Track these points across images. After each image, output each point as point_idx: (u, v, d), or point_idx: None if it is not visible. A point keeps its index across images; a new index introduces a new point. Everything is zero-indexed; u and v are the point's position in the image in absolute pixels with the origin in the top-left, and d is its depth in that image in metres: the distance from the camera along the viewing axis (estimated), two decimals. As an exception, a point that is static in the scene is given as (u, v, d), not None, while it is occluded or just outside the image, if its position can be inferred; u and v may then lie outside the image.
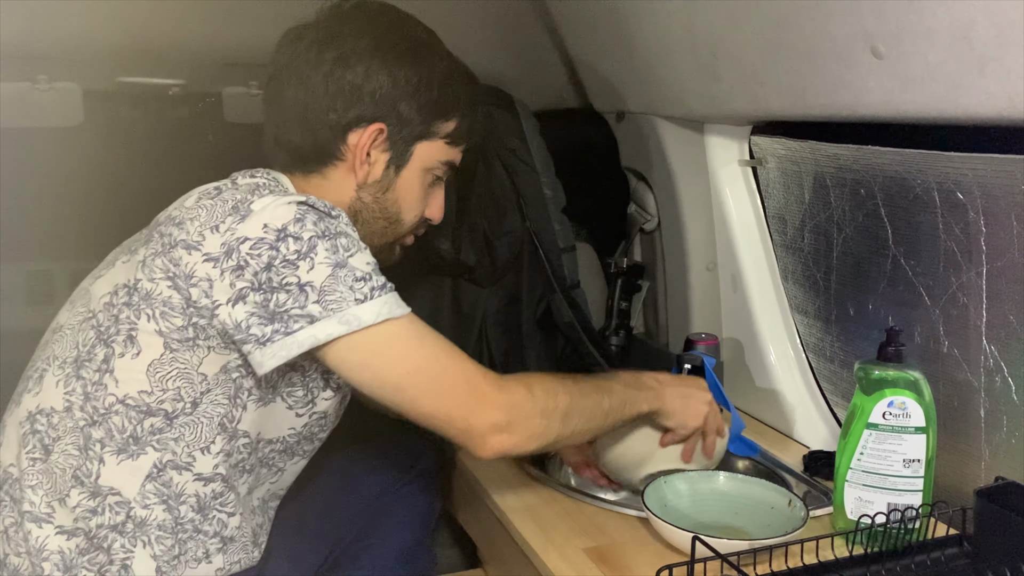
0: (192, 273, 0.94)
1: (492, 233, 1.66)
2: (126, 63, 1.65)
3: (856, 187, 1.26)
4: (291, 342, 0.92)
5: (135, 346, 0.96)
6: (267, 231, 0.92)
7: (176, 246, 0.95)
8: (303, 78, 1.05)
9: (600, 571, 1.05)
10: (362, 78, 1.05)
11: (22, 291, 1.99)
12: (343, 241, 0.94)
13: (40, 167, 1.81)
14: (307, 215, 0.93)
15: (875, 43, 0.96)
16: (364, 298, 0.93)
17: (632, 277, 1.83)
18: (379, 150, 1.08)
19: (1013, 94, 0.85)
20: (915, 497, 1.07)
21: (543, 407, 1.01)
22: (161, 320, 0.95)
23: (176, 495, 0.98)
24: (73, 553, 0.97)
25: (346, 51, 1.04)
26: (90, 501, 0.97)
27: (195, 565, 1.00)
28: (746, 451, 1.38)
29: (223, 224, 0.94)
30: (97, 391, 0.97)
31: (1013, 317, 1.05)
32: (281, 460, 1.09)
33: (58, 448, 0.98)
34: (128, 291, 0.97)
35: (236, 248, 0.92)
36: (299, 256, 0.91)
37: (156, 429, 0.96)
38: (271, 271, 0.91)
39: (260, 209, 0.94)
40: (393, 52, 1.06)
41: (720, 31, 1.21)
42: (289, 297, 0.91)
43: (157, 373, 0.96)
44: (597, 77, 1.67)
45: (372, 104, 1.06)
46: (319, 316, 0.92)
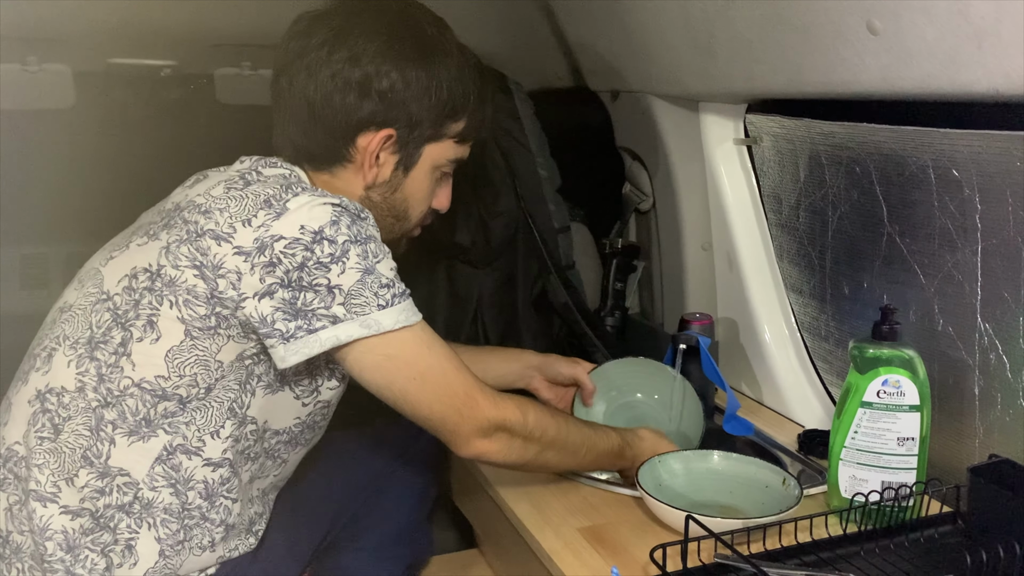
0: (221, 264, 0.94)
1: (487, 214, 1.65)
2: (117, 44, 1.64)
3: (851, 165, 1.25)
4: (313, 340, 0.94)
5: (155, 331, 0.96)
6: (303, 232, 0.93)
7: (204, 235, 0.96)
8: (312, 76, 1.04)
9: (595, 550, 1.05)
10: (372, 79, 1.04)
11: (16, 275, 1.98)
12: (372, 247, 0.97)
13: (32, 150, 1.80)
14: (342, 218, 0.95)
15: (871, 19, 0.96)
16: (386, 304, 0.96)
17: (627, 257, 1.83)
18: (388, 152, 1.08)
19: (1010, 70, 0.85)
20: (909, 475, 1.07)
21: (529, 433, 1.06)
22: (184, 308, 0.95)
23: (185, 480, 0.98)
24: (77, 533, 0.97)
25: (357, 51, 1.03)
26: (98, 481, 0.97)
27: (199, 552, 1.01)
28: (740, 430, 1.38)
29: (255, 219, 0.95)
30: (112, 373, 0.97)
31: (1008, 295, 1.05)
32: (286, 451, 1.10)
33: (68, 428, 0.98)
34: (150, 276, 0.98)
35: (270, 245, 0.93)
36: (332, 260, 0.94)
37: (169, 413, 0.97)
38: (303, 271, 0.93)
39: (296, 208, 0.95)
40: (404, 53, 1.05)
41: (716, 8, 1.20)
42: (316, 297, 0.94)
43: (176, 359, 0.96)
44: (592, 56, 1.66)
45: (382, 106, 1.05)
46: (342, 318, 0.94)
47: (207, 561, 1.02)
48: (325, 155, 1.07)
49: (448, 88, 1.07)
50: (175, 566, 0.99)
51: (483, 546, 1.50)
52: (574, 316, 1.67)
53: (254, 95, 1.84)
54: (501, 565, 1.40)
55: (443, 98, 1.07)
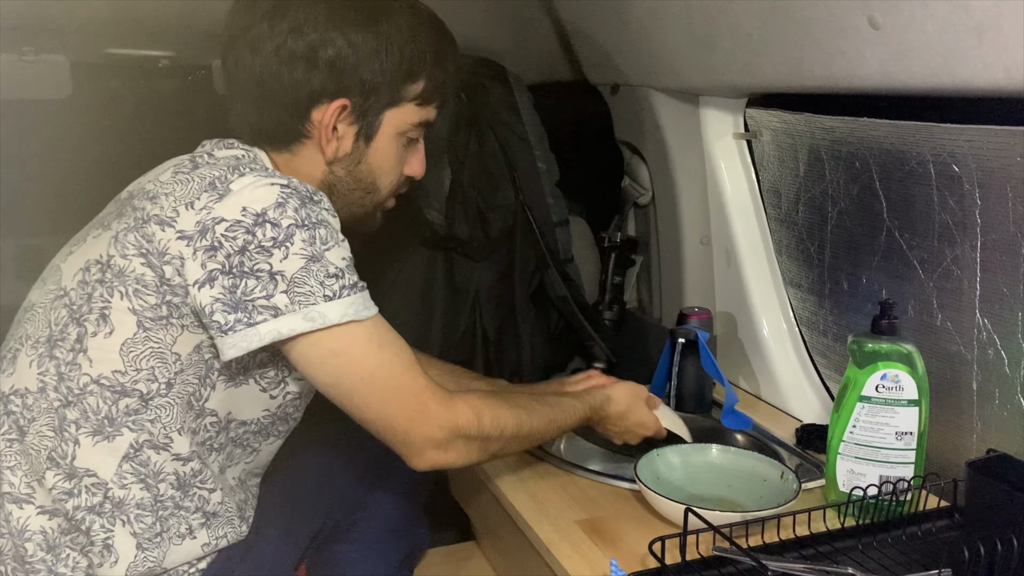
0: (165, 250, 0.91)
1: (485, 206, 1.65)
2: (114, 35, 1.63)
3: (851, 160, 1.25)
4: (252, 334, 0.90)
5: (108, 324, 0.93)
6: (245, 214, 0.89)
7: (149, 221, 0.92)
8: (257, 52, 0.99)
9: (593, 543, 1.05)
10: (318, 48, 0.99)
11: (13, 266, 1.98)
12: (322, 232, 0.92)
13: (28, 140, 1.79)
14: (289, 200, 0.90)
15: (872, 13, 0.95)
16: (333, 295, 0.91)
17: (626, 251, 1.83)
18: (346, 124, 1.04)
19: (1010, 64, 0.85)
20: (907, 469, 1.08)
21: (487, 435, 1.01)
22: (134, 298, 0.92)
23: (154, 473, 0.97)
24: (56, 533, 0.96)
25: (299, 21, 0.98)
26: (66, 483, 0.95)
27: (179, 541, 0.99)
28: (739, 424, 1.38)
29: (198, 201, 0.91)
30: (71, 371, 0.95)
31: (1007, 290, 1.05)
32: (256, 441, 1.07)
33: (33, 429, 0.96)
34: (101, 267, 0.95)
35: (211, 228, 0.90)
36: (275, 244, 0.89)
37: (132, 410, 0.95)
38: (244, 255, 0.89)
39: (239, 189, 0.91)
40: (349, 16, 0.99)
41: (716, 1, 1.20)
42: (258, 284, 0.89)
43: (131, 352, 0.93)
44: (591, 48, 1.66)
45: (331, 76, 1.00)
46: (284, 310, 0.90)
47: (193, 551, 1.00)
48: (282, 133, 1.03)
49: (400, 49, 1.02)
50: (158, 559, 0.98)
51: (480, 539, 1.50)
52: (572, 309, 1.67)
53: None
54: (498, 558, 1.40)
55: (395, 60, 1.02)
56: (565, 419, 1.13)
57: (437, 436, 0.97)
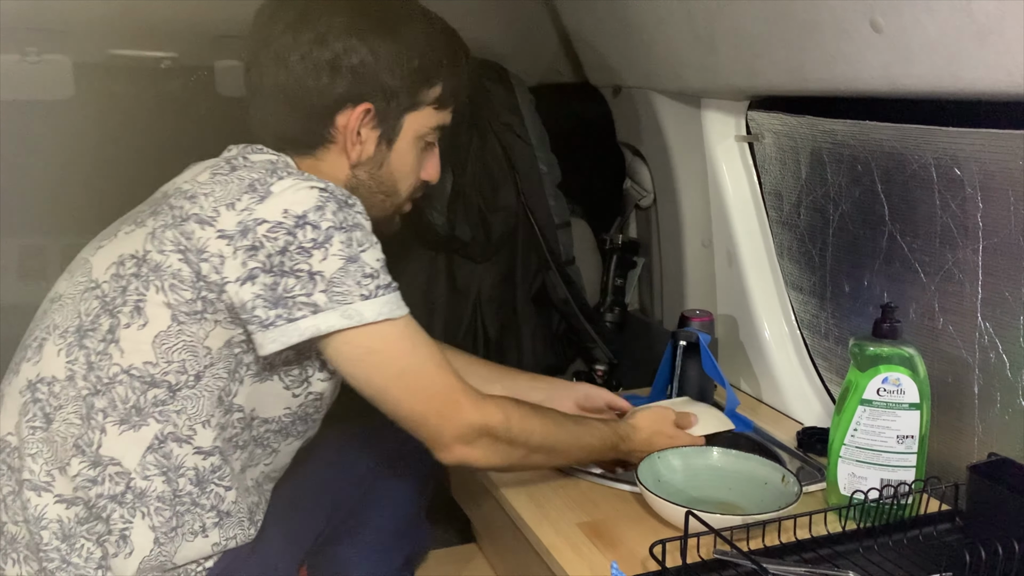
0: (204, 248, 0.94)
1: (487, 208, 1.65)
2: (117, 35, 1.63)
3: (853, 163, 1.25)
4: (292, 329, 0.93)
5: (142, 317, 0.96)
6: (286, 216, 0.93)
7: (188, 219, 0.95)
8: (282, 61, 1.03)
9: (594, 545, 1.05)
10: (341, 57, 1.03)
11: (15, 265, 1.98)
12: (358, 235, 0.95)
13: (31, 141, 1.80)
14: (328, 203, 0.94)
15: (874, 15, 0.95)
16: (369, 295, 0.94)
17: (627, 253, 1.83)
18: (368, 128, 1.08)
19: (1013, 68, 0.85)
20: (908, 473, 1.07)
21: (513, 438, 1.04)
22: (170, 292, 0.95)
23: (175, 467, 0.98)
24: (72, 522, 0.97)
25: (322, 31, 1.03)
26: (90, 470, 0.97)
27: (191, 538, 1.00)
28: (740, 427, 1.38)
29: (239, 202, 0.94)
30: (101, 361, 0.97)
31: (1008, 294, 1.05)
32: (276, 440, 1.09)
33: (59, 417, 0.98)
34: (136, 262, 0.98)
35: (253, 228, 0.93)
36: (315, 245, 0.93)
37: (159, 401, 0.97)
38: (285, 255, 0.92)
39: (280, 191, 0.94)
40: (369, 26, 1.04)
41: (718, 4, 1.20)
42: (298, 283, 0.93)
43: (163, 345, 0.96)
44: (593, 51, 1.66)
45: (355, 82, 1.04)
46: (323, 307, 0.93)
47: (203, 550, 1.01)
48: (306, 139, 1.07)
49: (419, 55, 1.07)
50: (170, 553, 0.99)
51: (481, 541, 1.50)
52: (573, 311, 1.67)
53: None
54: (499, 560, 1.40)
55: (414, 65, 1.07)
56: (591, 441, 1.14)
57: (466, 432, 1.00)
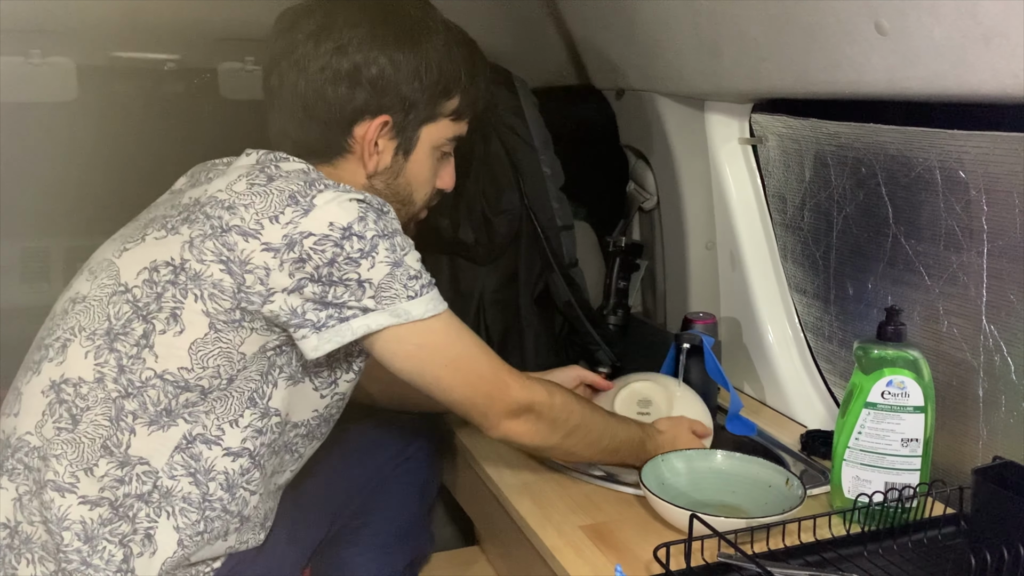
0: (248, 260, 0.95)
1: (490, 211, 1.65)
2: (120, 38, 1.63)
3: (857, 166, 1.25)
4: (345, 329, 0.96)
5: (179, 324, 0.97)
6: (332, 229, 0.95)
7: (230, 231, 0.96)
8: (301, 71, 1.04)
9: (597, 548, 1.05)
10: (361, 68, 1.04)
11: (17, 268, 1.98)
12: (399, 240, 0.98)
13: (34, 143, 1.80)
14: (368, 213, 0.96)
15: (879, 18, 0.95)
16: (415, 295, 0.98)
17: (630, 256, 1.82)
18: (386, 139, 1.09)
19: (1018, 70, 0.84)
20: (913, 476, 1.07)
21: (556, 416, 1.09)
22: (209, 301, 0.96)
23: (205, 470, 0.99)
24: (95, 523, 0.97)
25: (343, 42, 1.04)
26: (118, 471, 0.97)
27: (213, 542, 1.01)
28: (744, 430, 1.38)
29: (283, 215, 0.95)
30: (134, 365, 0.97)
31: (1013, 297, 1.04)
32: (303, 445, 1.10)
33: (87, 418, 0.97)
34: (173, 270, 0.98)
35: (299, 242, 0.94)
36: (362, 255, 0.95)
37: (190, 403, 0.98)
38: (333, 267, 0.94)
39: (323, 204, 0.96)
40: (389, 37, 1.05)
41: (722, 7, 1.20)
42: (347, 291, 0.95)
43: (200, 351, 0.97)
44: (597, 53, 1.66)
45: (374, 93, 1.05)
46: (373, 308, 0.96)
47: (217, 551, 1.02)
48: (324, 148, 1.08)
49: (437, 67, 1.08)
50: (190, 554, 0.99)
51: (484, 543, 1.50)
52: (577, 314, 1.66)
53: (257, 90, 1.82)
54: (502, 562, 1.40)
55: (434, 78, 1.08)
56: (622, 434, 1.18)
57: (513, 407, 1.06)
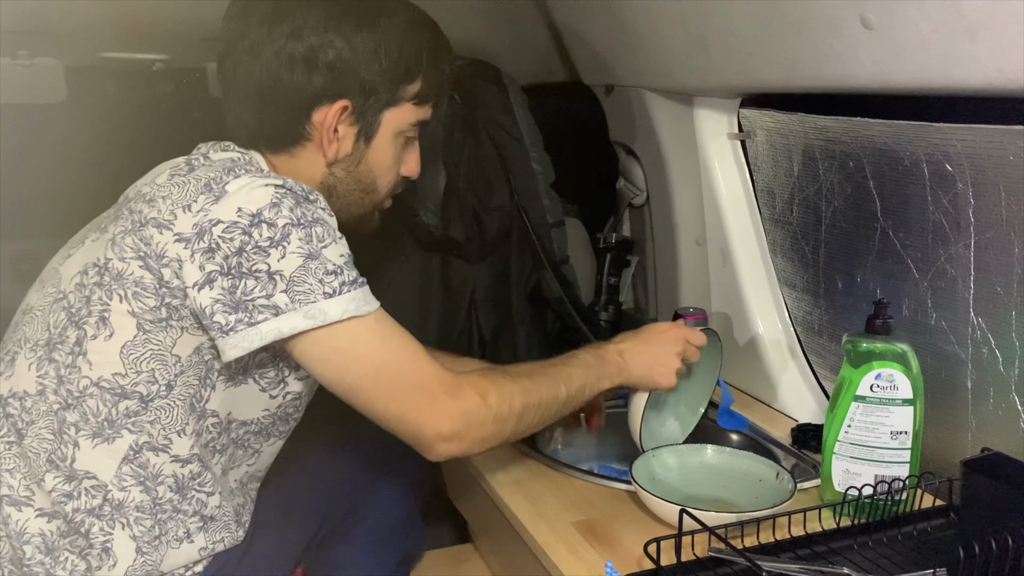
0: (163, 253, 0.92)
1: (481, 208, 1.65)
2: (109, 38, 1.63)
3: (845, 160, 1.25)
4: (254, 333, 0.90)
5: (108, 327, 0.94)
6: (241, 215, 0.90)
7: (147, 224, 0.93)
8: (256, 56, 1.00)
9: (589, 544, 1.05)
10: (318, 51, 1.00)
11: (9, 270, 1.97)
12: (318, 230, 0.92)
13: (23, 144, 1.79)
14: (284, 200, 0.91)
15: (865, 12, 0.95)
16: (333, 292, 0.91)
17: (621, 252, 1.83)
18: (346, 124, 1.04)
19: (1004, 64, 0.85)
20: (902, 469, 1.08)
21: (496, 413, 0.99)
22: (133, 301, 0.93)
23: (153, 476, 0.97)
24: (55, 535, 0.96)
25: (298, 24, 0.99)
26: (65, 485, 0.95)
27: (177, 545, 0.99)
28: (734, 424, 1.38)
29: (195, 204, 0.92)
30: (71, 374, 0.95)
31: (1000, 289, 1.05)
32: (257, 442, 1.07)
33: (32, 432, 0.96)
34: (99, 271, 0.95)
35: (208, 230, 0.90)
36: (272, 243, 0.89)
37: (131, 412, 0.95)
38: (241, 256, 0.89)
39: (235, 191, 0.92)
40: (347, 19, 1.01)
41: (710, 2, 1.20)
42: (257, 284, 0.90)
43: (131, 355, 0.94)
44: (585, 49, 1.66)
45: (331, 77, 1.01)
46: (285, 308, 0.90)
47: (190, 555, 1.00)
48: (282, 136, 1.04)
49: (398, 49, 1.03)
50: (155, 562, 0.98)
51: (477, 540, 1.50)
52: (568, 310, 1.67)
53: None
54: (495, 560, 1.40)
55: (393, 60, 1.03)
56: (575, 373, 1.08)
57: (448, 427, 0.96)
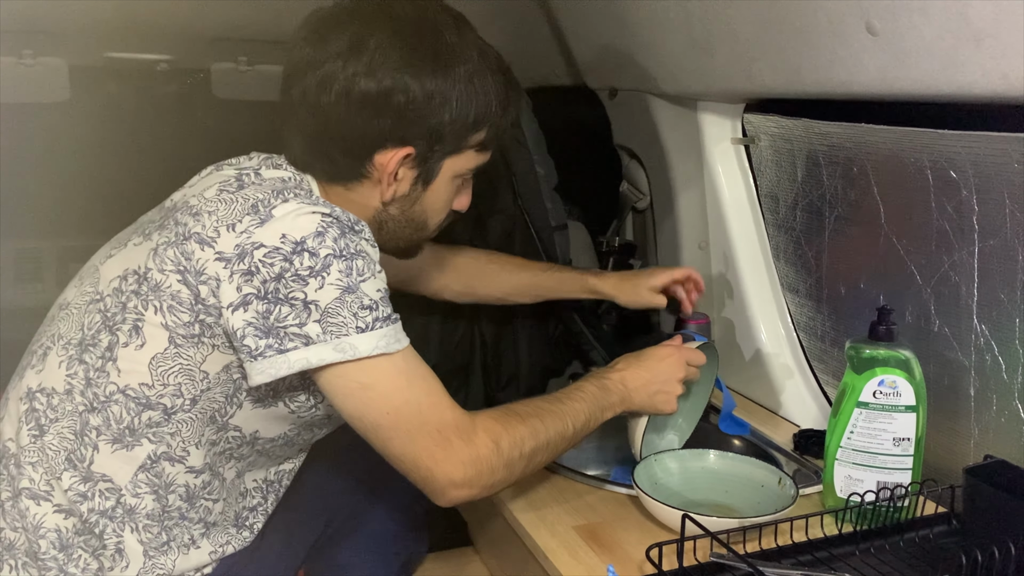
0: (203, 270, 0.91)
1: (484, 211, 1.65)
2: (113, 38, 1.63)
3: (849, 165, 1.25)
4: (282, 361, 0.90)
5: (140, 337, 0.94)
6: (284, 241, 0.89)
7: (190, 239, 0.93)
8: (326, 89, 0.97)
9: (591, 549, 1.05)
10: (390, 94, 0.97)
11: (11, 269, 1.98)
12: (359, 264, 0.91)
13: (27, 143, 1.80)
14: (329, 229, 0.90)
15: (870, 19, 0.96)
16: (366, 327, 0.90)
17: (624, 256, 1.83)
18: (407, 168, 1.03)
19: (1008, 71, 0.85)
20: (904, 475, 1.07)
21: (507, 460, 0.97)
22: (168, 314, 0.93)
23: (166, 485, 0.98)
24: (70, 532, 0.97)
25: (374, 64, 0.96)
26: (81, 485, 0.96)
27: (186, 551, 1.00)
28: (736, 430, 1.38)
29: (240, 224, 0.91)
30: (99, 378, 0.96)
31: (1004, 296, 1.05)
32: (283, 451, 1.10)
33: (53, 430, 0.97)
34: (138, 279, 0.95)
35: (250, 252, 0.89)
36: (311, 273, 0.89)
37: (153, 422, 0.95)
38: (279, 282, 0.89)
39: (281, 216, 0.90)
40: (424, 62, 0.98)
41: (714, 7, 1.20)
42: (292, 312, 0.89)
43: (159, 367, 0.94)
44: (589, 53, 1.66)
45: (399, 122, 0.99)
46: (316, 339, 0.89)
47: (200, 559, 1.01)
48: (340, 171, 1.02)
49: (469, 99, 1.01)
50: (166, 566, 0.98)
51: (478, 544, 1.50)
52: (570, 315, 1.67)
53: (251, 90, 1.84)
54: (496, 563, 1.40)
55: (465, 110, 1.01)
56: (581, 408, 1.07)
57: (459, 475, 0.94)
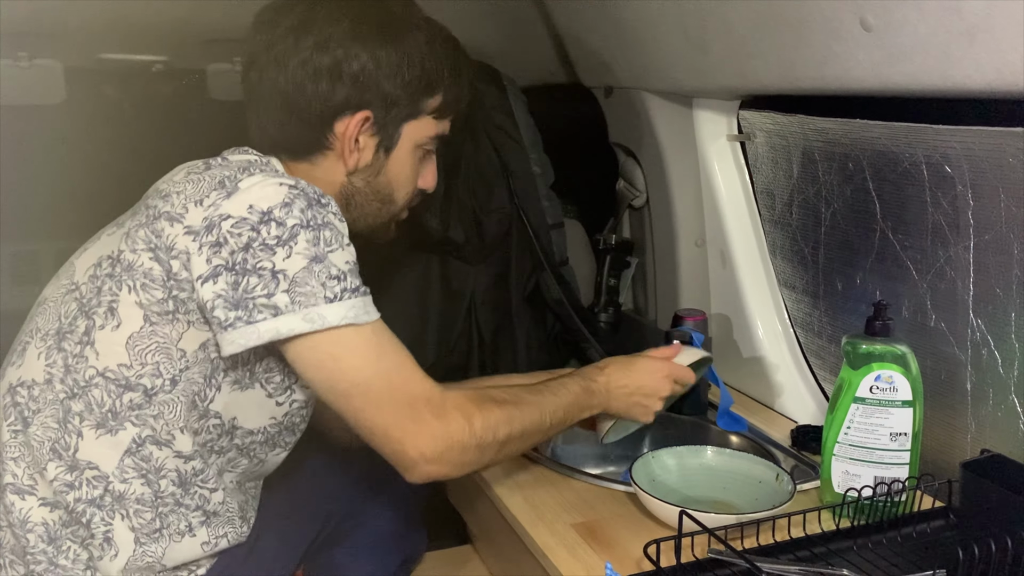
0: (173, 245, 0.93)
1: (480, 210, 1.65)
2: (108, 39, 1.63)
3: (844, 161, 1.25)
4: (251, 331, 0.90)
5: (115, 318, 0.95)
6: (251, 211, 0.91)
7: (160, 218, 0.95)
8: (281, 67, 1.03)
9: (589, 546, 1.05)
10: (342, 63, 1.02)
11: (8, 271, 1.97)
12: (326, 234, 0.92)
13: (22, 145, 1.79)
14: (296, 200, 0.91)
15: (864, 14, 0.96)
16: (334, 297, 0.91)
17: (621, 253, 1.83)
18: (367, 135, 1.07)
19: (1002, 65, 0.85)
20: (902, 470, 1.08)
21: (480, 441, 0.97)
22: (142, 292, 0.94)
23: (156, 469, 0.98)
24: (57, 525, 0.97)
25: (324, 37, 1.02)
26: (67, 475, 0.96)
27: (179, 539, 1.00)
28: (734, 426, 1.39)
29: (207, 199, 0.93)
30: (78, 363, 0.96)
31: (1000, 290, 1.05)
32: (263, 451, 1.08)
33: (37, 421, 0.98)
34: (111, 262, 0.97)
35: (217, 224, 0.91)
36: (278, 242, 0.90)
37: (135, 404, 0.96)
38: (247, 252, 0.90)
39: (247, 187, 0.93)
40: (372, 33, 1.03)
41: (709, 4, 1.20)
42: (260, 282, 0.90)
43: (136, 346, 0.95)
44: (585, 51, 1.66)
45: (355, 89, 1.03)
46: (285, 309, 0.90)
47: (193, 550, 1.01)
48: (303, 145, 1.06)
49: (420, 63, 1.06)
50: (156, 554, 0.98)
51: (477, 542, 1.50)
52: (567, 312, 1.67)
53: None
54: (495, 561, 1.40)
55: (416, 74, 1.06)
56: (559, 401, 1.06)
57: (429, 449, 0.93)
